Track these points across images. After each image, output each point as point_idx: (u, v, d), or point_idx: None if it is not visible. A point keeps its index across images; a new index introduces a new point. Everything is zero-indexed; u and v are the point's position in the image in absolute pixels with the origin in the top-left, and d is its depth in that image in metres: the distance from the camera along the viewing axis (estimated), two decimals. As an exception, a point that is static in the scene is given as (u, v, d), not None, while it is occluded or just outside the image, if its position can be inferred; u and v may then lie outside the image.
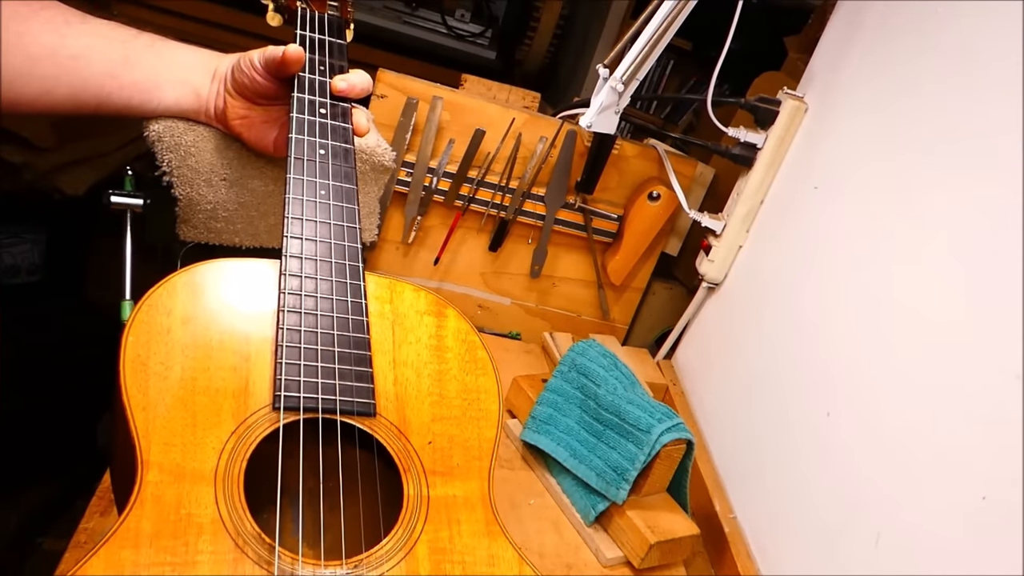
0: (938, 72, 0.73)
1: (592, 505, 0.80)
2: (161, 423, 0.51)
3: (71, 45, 0.67)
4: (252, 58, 0.69)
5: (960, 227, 0.66)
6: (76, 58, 0.67)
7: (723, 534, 0.84)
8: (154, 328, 0.53)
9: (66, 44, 0.67)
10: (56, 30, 0.66)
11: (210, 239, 0.79)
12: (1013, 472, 0.54)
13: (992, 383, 0.58)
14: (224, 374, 0.54)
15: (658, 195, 1.08)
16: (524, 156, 1.06)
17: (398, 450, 0.57)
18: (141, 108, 0.71)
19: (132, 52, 0.70)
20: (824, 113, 0.92)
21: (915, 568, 0.60)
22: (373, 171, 0.84)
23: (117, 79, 0.69)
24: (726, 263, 1.03)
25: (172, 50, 0.72)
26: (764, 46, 1.25)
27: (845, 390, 0.74)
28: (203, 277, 0.57)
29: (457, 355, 0.63)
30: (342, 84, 0.70)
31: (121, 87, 0.69)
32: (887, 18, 0.84)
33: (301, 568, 0.49)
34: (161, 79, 0.71)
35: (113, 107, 0.70)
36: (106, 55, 0.68)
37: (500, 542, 0.56)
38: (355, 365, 0.58)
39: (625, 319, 1.20)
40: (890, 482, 0.66)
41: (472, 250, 1.12)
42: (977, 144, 0.66)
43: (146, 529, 0.47)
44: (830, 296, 0.81)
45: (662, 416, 0.77)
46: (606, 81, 0.92)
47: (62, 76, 0.66)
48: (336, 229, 0.63)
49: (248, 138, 0.74)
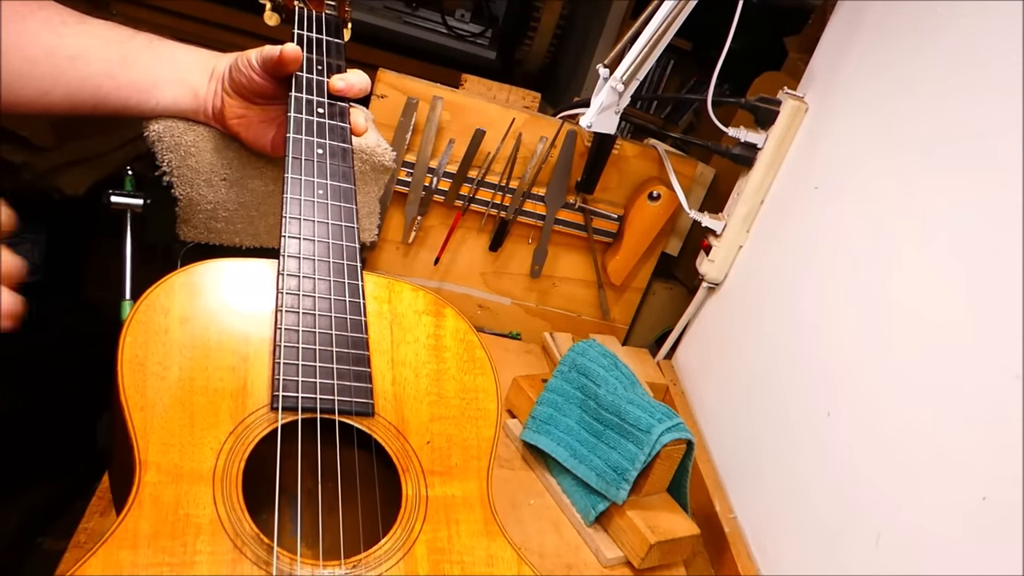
0: (938, 72, 0.73)
1: (592, 505, 0.80)
2: (159, 423, 0.51)
3: (69, 45, 0.67)
4: (250, 57, 0.69)
5: (960, 227, 0.65)
6: (74, 58, 0.67)
7: (723, 534, 0.83)
8: (152, 328, 0.53)
9: (64, 44, 0.66)
10: (54, 30, 0.66)
11: (210, 239, 0.80)
12: (1013, 472, 0.54)
13: (992, 383, 0.58)
14: (222, 374, 0.54)
15: (658, 195, 1.08)
16: (524, 156, 1.06)
17: (396, 450, 0.57)
18: (139, 108, 0.71)
19: (130, 52, 0.70)
20: (824, 113, 0.92)
21: (915, 568, 0.60)
22: (373, 171, 0.84)
23: (115, 79, 0.69)
24: (726, 263, 1.03)
25: (170, 50, 0.72)
26: (764, 46, 1.25)
27: (845, 390, 0.74)
28: (201, 277, 0.57)
29: (455, 355, 0.63)
30: (340, 83, 0.70)
31: (119, 87, 0.69)
32: (887, 18, 0.83)
33: (299, 568, 0.49)
34: (159, 79, 0.71)
35: (111, 107, 0.70)
36: (104, 55, 0.68)
37: (499, 542, 0.56)
38: (353, 365, 0.58)
39: (625, 319, 1.20)
40: (890, 482, 0.66)
41: (472, 250, 1.12)
42: (977, 144, 0.66)
43: (144, 530, 0.47)
44: (830, 296, 0.81)
45: (662, 416, 0.77)
46: (606, 81, 0.92)
47: (60, 76, 0.66)
48: (334, 229, 0.63)
49: (246, 137, 0.74)
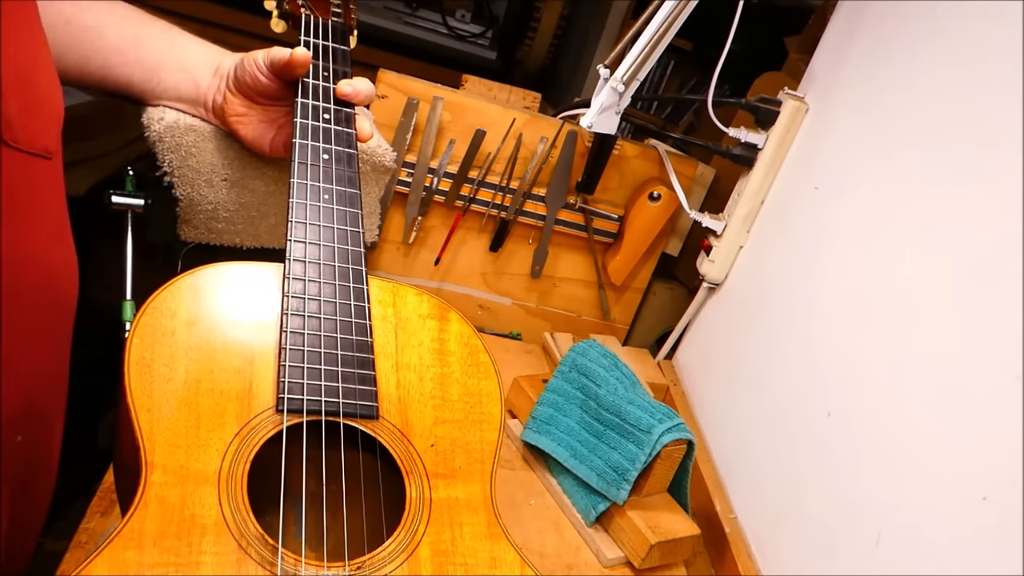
0: (938, 72, 0.73)
1: (593, 505, 0.80)
2: (165, 425, 0.51)
3: (88, 17, 0.70)
4: (257, 57, 0.70)
5: (960, 227, 0.66)
6: (89, 28, 0.69)
7: (723, 534, 0.84)
8: (158, 331, 0.54)
9: (83, 16, 0.69)
10: (76, 2, 0.69)
11: (211, 239, 0.80)
12: (1013, 473, 0.54)
13: (992, 383, 0.58)
14: (228, 376, 0.54)
15: (659, 195, 1.08)
16: (525, 156, 1.06)
17: (400, 453, 0.57)
18: (141, 87, 0.73)
19: (144, 33, 0.72)
20: (825, 113, 0.92)
21: (916, 568, 0.61)
22: (374, 171, 0.84)
23: (124, 55, 0.71)
24: (727, 263, 1.03)
25: (182, 39, 0.75)
26: (765, 46, 1.25)
27: (846, 390, 0.75)
28: (207, 280, 0.57)
29: (459, 359, 0.63)
30: (347, 88, 0.71)
31: (125, 63, 0.71)
32: (887, 18, 0.84)
33: (304, 569, 0.49)
34: (164, 62, 0.73)
35: (114, 81, 0.72)
36: (119, 31, 0.71)
37: (502, 545, 0.56)
38: (358, 368, 0.58)
39: (626, 319, 1.20)
40: (890, 482, 0.66)
41: (473, 250, 1.12)
42: (977, 143, 0.66)
43: (150, 530, 0.47)
44: (831, 296, 0.81)
45: (663, 416, 0.77)
46: (607, 81, 0.92)
47: (73, 44, 0.69)
48: (339, 233, 0.63)
49: (245, 135, 0.74)
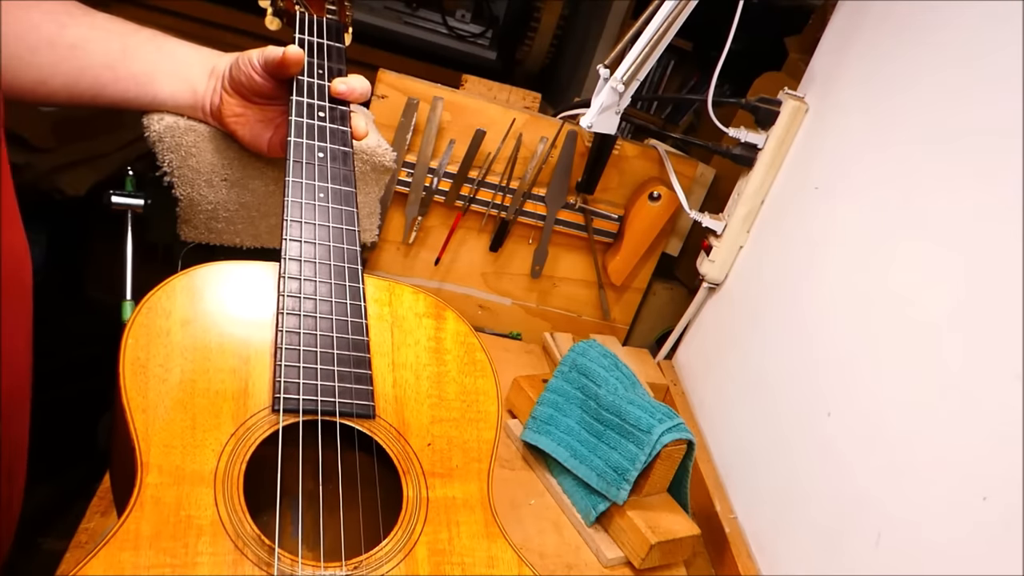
0: (938, 72, 0.73)
1: (593, 505, 0.80)
2: (161, 425, 0.51)
3: (71, 35, 0.67)
4: (251, 57, 0.70)
5: (960, 227, 0.65)
6: (74, 47, 0.67)
7: (723, 534, 0.84)
8: (153, 331, 0.53)
9: (66, 34, 0.67)
10: (56, 20, 0.67)
11: (211, 239, 0.80)
12: (1013, 472, 0.54)
13: (992, 383, 0.58)
14: (223, 376, 0.54)
15: (659, 195, 1.08)
16: (525, 156, 1.06)
17: (397, 452, 0.57)
18: (137, 100, 0.71)
19: (131, 45, 0.70)
20: (825, 113, 0.92)
21: (916, 568, 0.60)
22: (374, 171, 0.84)
23: (114, 70, 0.69)
24: (727, 263, 1.03)
25: (172, 45, 0.73)
26: (765, 46, 1.25)
27: (846, 390, 0.74)
28: (202, 280, 0.57)
29: (456, 357, 0.63)
30: (342, 87, 0.70)
31: (117, 79, 0.69)
32: (887, 18, 0.83)
33: (300, 570, 0.49)
34: (158, 73, 0.71)
35: (108, 98, 0.70)
36: (104, 47, 0.69)
37: (499, 543, 0.56)
38: (354, 367, 0.58)
39: (626, 319, 1.20)
40: (891, 482, 0.66)
41: (473, 250, 1.12)
42: (978, 143, 0.66)
43: (146, 531, 0.47)
44: (831, 296, 0.81)
45: (663, 416, 0.77)
46: (607, 81, 0.92)
47: (59, 65, 0.67)
48: (335, 232, 0.63)
49: (242, 136, 0.74)
